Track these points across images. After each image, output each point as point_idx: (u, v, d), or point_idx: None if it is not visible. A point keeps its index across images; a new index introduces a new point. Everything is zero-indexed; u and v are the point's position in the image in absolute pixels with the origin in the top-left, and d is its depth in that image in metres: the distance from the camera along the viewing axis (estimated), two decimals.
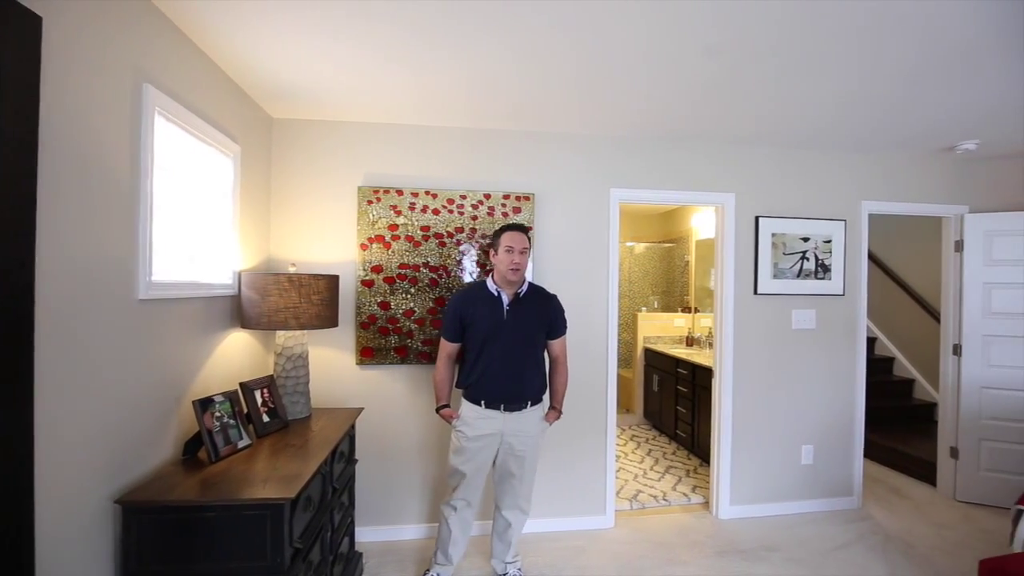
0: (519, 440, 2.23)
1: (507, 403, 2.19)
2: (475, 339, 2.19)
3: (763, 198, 3.14)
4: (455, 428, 2.25)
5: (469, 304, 2.21)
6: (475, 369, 2.19)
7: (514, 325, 2.19)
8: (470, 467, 2.21)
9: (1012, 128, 2.72)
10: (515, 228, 2.19)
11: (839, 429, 3.27)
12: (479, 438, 2.20)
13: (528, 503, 2.37)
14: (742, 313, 3.12)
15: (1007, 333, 3.27)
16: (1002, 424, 3.28)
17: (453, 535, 2.29)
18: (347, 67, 2.08)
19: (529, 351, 2.23)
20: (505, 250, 2.16)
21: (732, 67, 2.04)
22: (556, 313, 2.32)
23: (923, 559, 2.68)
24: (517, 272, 2.15)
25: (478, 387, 2.19)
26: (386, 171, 2.75)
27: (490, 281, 2.24)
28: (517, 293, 2.23)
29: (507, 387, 2.19)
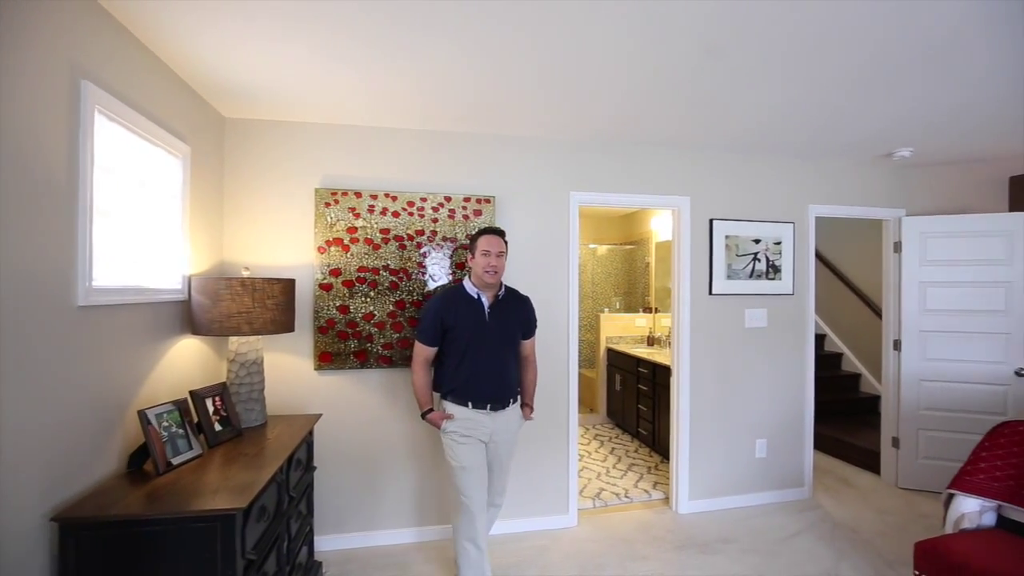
0: (503, 438, 2.28)
1: (493, 403, 2.22)
2: (458, 342, 2.19)
3: (717, 201, 3.25)
4: (445, 431, 2.21)
5: (450, 308, 2.21)
6: (460, 372, 2.19)
7: (496, 327, 2.22)
8: (470, 460, 2.20)
9: (942, 137, 2.90)
10: (491, 232, 2.22)
11: (790, 423, 3.41)
12: (470, 436, 2.21)
13: (503, 497, 2.42)
14: (698, 313, 3.21)
15: (941, 329, 3.49)
16: (938, 414, 3.48)
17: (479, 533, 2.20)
18: (299, 68, 2.04)
19: (510, 351, 2.29)
20: (482, 253, 2.18)
21: (682, 76, 2.11)
22: (530, 314, 2.40)
23: (866, 544, 2.83)
24: (494, 275, 2.18)
25: (464, 389, 2.19)
26: (344, 173, 2.71)
27: (468, 284, 2.25)
28: (496, 295, 2.26)
29: (494, 388, 2.22)
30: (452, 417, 2.20)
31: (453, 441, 2.21)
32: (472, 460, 2.21)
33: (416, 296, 2.74)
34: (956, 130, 2.79)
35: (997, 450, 2.17)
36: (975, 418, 3.36)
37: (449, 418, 2.21)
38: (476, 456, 2.22)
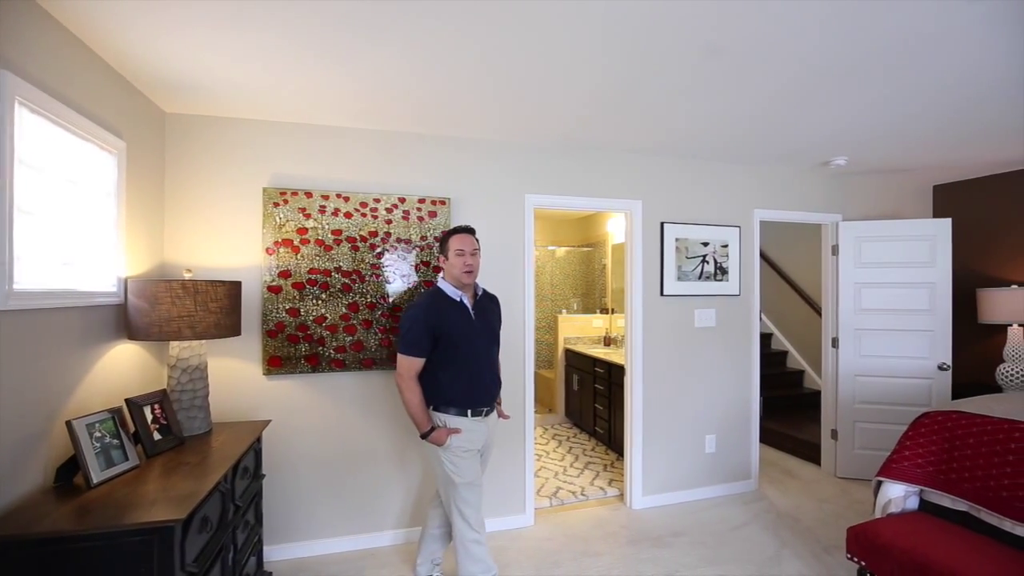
0: (491, 440, 2.27)
1: (488, 407, 2.17)
2: (451, 349, 2.07)
3: (667, 205, 3.35)
4: (450, 447, 2.07)
5: (438, 314, 2.08)
6: (459, 381, 2.09)
7: (481, 328, 2.18)
8: (474, 473, 2.12)
9: (872, 147, 3.10)
10: (462, 231, 2.16)
11: (738, 419, 3.56)
12: (475, 449, 2.13)
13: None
14: (650, 314, 3.30)
15: (874, 327, 3.71)
16: (872, 407, 3.71)
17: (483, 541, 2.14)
18: (242, 64, 1.98)
19: (496, 352, 2.27)
20: (456, 253, 2.11)
21: (631, 84, 2.17)
22: (500, 311, 2.38)
23: (807, 531, 2.98)
24: (471, 274, 2.12)
25: (466, 398, 2.10)
26: (294, 172, 2.64)
27: (447, 287, 2.15)
28: (475, 295, 2.22)
29: (489, 392, 2.17)
30: (460, 431, 2.08)
31: (457, 457, 2.08)
32: (477, 473, 2.13)
33: (370, 298, 2.70)
34: (885, 142, 2.98)
35: (919, 439, 2.33)
36: (904, 410, 3.59)
37: (456, 432, 2.08)
38: (478, 468, 2.15)
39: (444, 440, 2.06)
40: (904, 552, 1.98)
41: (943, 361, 3.58)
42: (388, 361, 2.73)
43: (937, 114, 2.54)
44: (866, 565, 2.13)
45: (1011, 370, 3.41)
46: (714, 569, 2.58)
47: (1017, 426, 2.06)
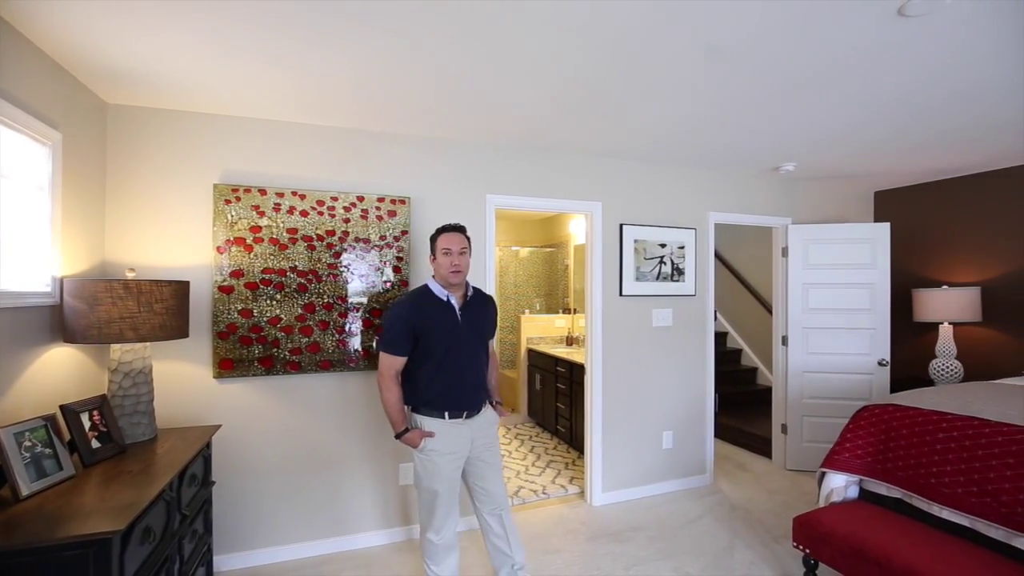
0: (484, 442, 2.17)
1: (470, 410, 2.11)
2: (431, 349, 2.03)
3: (627, 207, 3.42)
4: (423, 450, 2.04)
5: (422, 313, 2.04)
6: (436, 382, 2.04)
7: (468, 329, 2.10)
8: (445, 484, 2.06)
9: (819, 154, 3.25)
10: (450, 229, 2.09)
11: (694, 415, 3.66)
12: (451, 452, 2.07)
13: (506, 499, 2.26)
14: (609, 313, 3.36)
15: (821, 325, 3.89)
16: (818, 402, 3.89)
17: (448, 545, 2.12)
18: (189, 54, 1.91)
19: (484, 354, 2.19)
20: (443, 253, 2.05)
21: (590, 87, 2.20)
22: (495, 312, 2.31)
23: (758, 522, 3.09)
24: (458, 274, 2.06)
25: (441, 400, 2.05)
26: (247, 169, 2.56)
27: (435, 286, 2.11)
28: (465, 296, 2.15)
29: (472, 394, 2.11)
30: (433, 435, 2.04)
31: (431, 462, 2.04)
32: (449, 482, 2.07)
33: (327, 299, 2.65)
34: (830, 149, 3.13)
35: (859, 431, 2.46)
36: (847, 404, 3.78)
37: (429, 435, 2.04)
38: (454, 476, 2.09)
39: (417, 442, 2.04)
40: (843, 538, 2.08)
41: (882, 357, 3.79)
42: (346, 363, 2.68)
43: (877, 126, 2.68)
44: (810, 552, 2.23)
45: (942, 365, 3.64)
46: (670, 562, 2.65)
47: (944, 417, 2.21)
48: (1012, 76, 2.09)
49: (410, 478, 2.86)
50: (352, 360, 2.70)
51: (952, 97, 2.31)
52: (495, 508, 2.21)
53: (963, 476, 2.04)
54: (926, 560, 1.85)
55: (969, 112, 2.50)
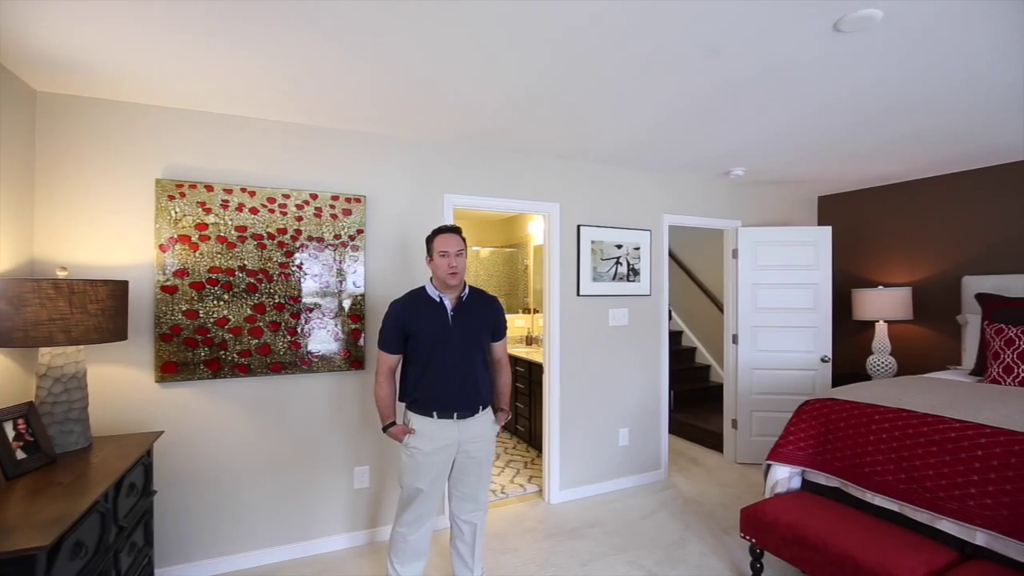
0: (475, 446, 2.15)
1: (460, 411, 2.09)
2: (421, 348, 2.07)
3: (584, 209, 3.47)
4: (407, 445, 2.08)
5: (411, 313, 2.09)
6: (423, 379, 2.07)
7: (460, 331, 2.11)
8: (427, 482, 2.08)
9: (765, 160, 3.39)
10: (447, 230, 2.11)
11: (649, 412, 3.75)
12: (436, 451, 2.07)
13: (482, 513, 2.27)
14: (567, 313, 3.41)
15: (769, 324, 4.06)
16: (766, 397, 4.05)
17: (417, 547, 2.14)
18: (128, 42, 1.82)
19: (477, 356, 2.16)
20: (440, 254, 2.06)
21: (545, 90, 2.23)
22: (499, 315, 2.28)
23: (709, 515, 3.20)
24: (455, 275, 2.06)
25: (428, 398, 2.07)
26: (193, 164, 2.46)
27: (430, 287, 2.14)
28: (460, 297, 2.15)
29: (459, 395, 2.09)
30: (415, 432, 2.07)
31: (413, 459, 2.07)
32: (430, 481, 2.08)
33: (279, 299, 2.57)
34: (775, 155, 3.27)
35: (801, 424, 2.58)
36: (792, 399, 3.96)
37: (411, 432, 2.08)
38: (437, 476, 2.10)
39: (400, 437, 2.10)
40: (786, 527, 2.18)
41: (825, 354, 3.98)
42: (298, 365, 2.61)
43: (816, 134, 2.82)
44: (756, 542, 2.33)
45: (878, 360, 3.86)
46: (625, 556, 2.71)
47: (877, 409, 2.34)
48: (940, 90, 2.24)
49: (366, 481, 2.82)
50: (305, 362, 2.63)
51: (885, 109, 2.46)
52: (471, 515, 2.23)
53: (893, 464, 2.17)
54: (859, 544, 1.96)
55: (900, 123, 2.66)
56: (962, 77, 2.11)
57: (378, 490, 2.85)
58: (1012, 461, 1.86)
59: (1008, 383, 2.78)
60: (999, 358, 2.85)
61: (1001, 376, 2.82)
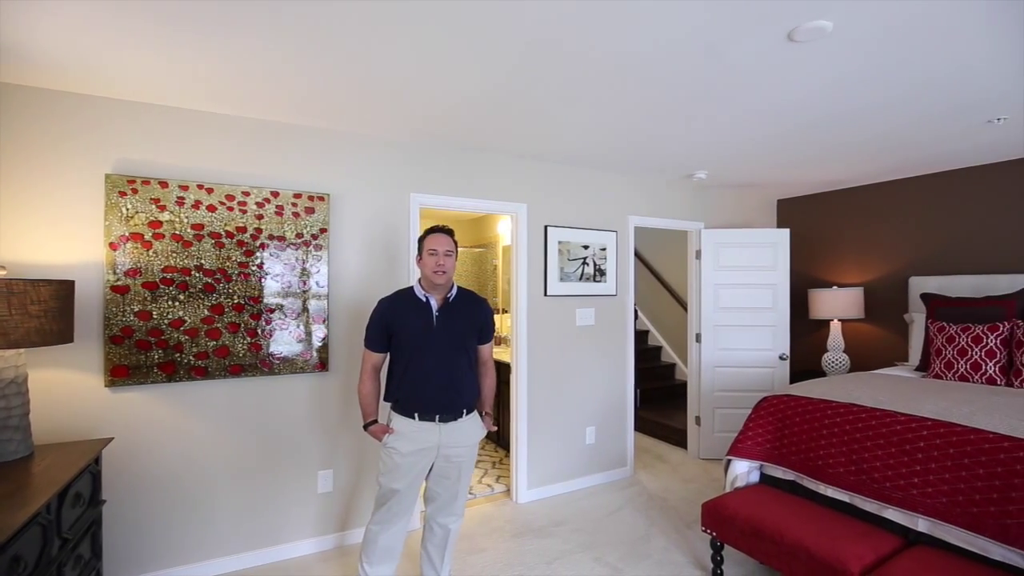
0: (456, 452, 2.11)
1: (442, 414, 2.06)
2: (404, 348, 2.06)
3: (551, 209, 3.50)
4: (386, 445, 2.06)
5: (396, 311, 2.08)
6: (405, 380, 2.05)
7: (445, 331, 2.08)
8: (404, 483, 2.06)
9: (726, 164, 3.48)
10: (439, 231, 2.11)
11: (615, 410, 3.81)
12: (414, 452, 2.04)
13: (459, 520, 2.24)
14: (535, 313, 3.42)
15: (730, 323, 4.17)
16: (728, 394, 4.17)
17: (389, 547, 2.11)
18: (79, 28, 1.73)
19: (462, 358, 2.12)
20: (429, 253, 2.06)
21: (511, 90, 2.23)
22: (487, 317, 2.25)
23: (673, 510, 3.27)
24: (442, 275, 2.05)
25: (410, 399, 2.05)
26: (146, 159, 2.36)
27: (417, 287, 2.13)
28: (446, 298, 2.13)
29: (441, 397, 2.06)
30: (393, 431, 2.06)
31: (390, 458, 2.05)
32: (408, 482, 2.05)
33: (238, 299, 2.50)
34: (735, 160, 3.37)
35: (760, 420, 2.66)
36: (752, 396, 4.08)
37: (390, 432, 2.06)
38: (415, 478, 2.07)
39: (380, 436, 2.09)
40: (744, 520, 2.25)
41: (783, 352, 4.12)
42: (259, 367, 2.55)
43: (774, 139, 2.92)
44: (717, 535, 2.39)
45: (832, 358, 4.02)
46: (591, 553, 2.74)
47: (830, 405, 2.44)
48: (887, 100, 2.35)
49: (330, 485, 2.76)
50: (266, 364, 2.56)
51: (837, 116, 2.56)
52: (447, 518, 2.21)
53: (844, 457, 2.26)
54: (812, 534, 2.04)
55: (851, 130, 2.78)
56: (908, 88, 2.22)
57: (344, 493, 2.81)
58: (950, 452, 1.96)
59: (949, 378, 2.94)
60: (941, 354, 3.01)
61: (943, 371, 2.97)
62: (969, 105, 2.42)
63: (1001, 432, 1.92)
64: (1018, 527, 1.73)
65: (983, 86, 2.20)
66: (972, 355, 2.87)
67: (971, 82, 2.16)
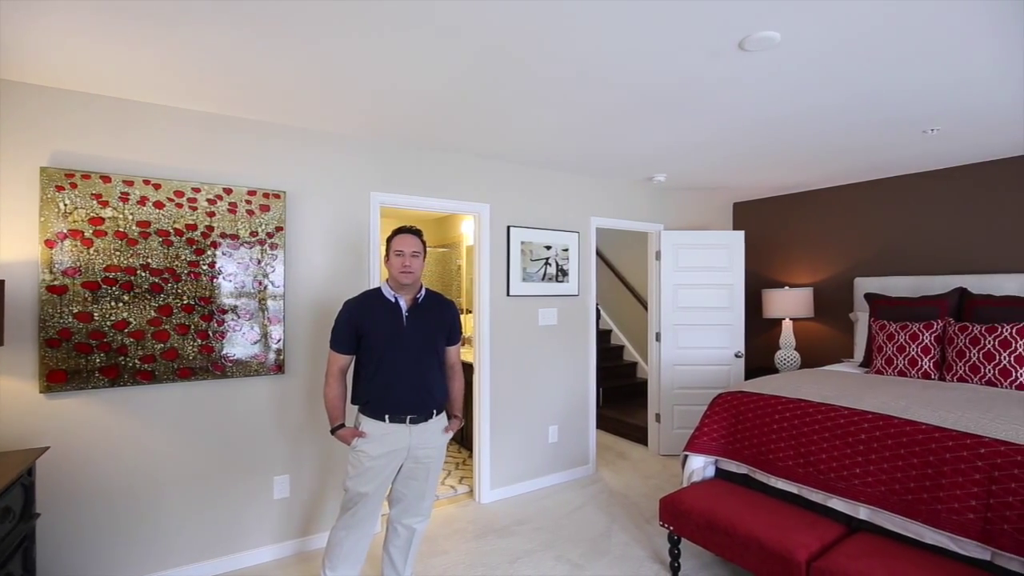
0: (425, 452, 2.09)
1: (413, 415, 2.05)
2: (374, 349, 2.03)
3: (514, 210, 3.51)
4: (355, 448, 2.03)
5: (364, 312, 2.06)
6: (375, 382, 2.03)
7: (415, 332, 2.07)
8: (373, 486, 2.03)
9: (683, 167, 3.58)
10: (405, 231, 2.10)
11: (578, 409, 3.85)
12: (384, 455, 2.02)
13: (425, 522, 2.22)
14: (497, 313, 3.43)
15: (689, 322, 4.29)
16: (686, 392, 4.28)
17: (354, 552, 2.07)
18: (8, 7, 1.63)
19: (432, 359, 2.12)
20: (395, 254, 2.05)
21: (473, 90, 2.23)
22: (455, 319, 2.25)
23: (634, 506, 3.33)
24: (408, 275, 2.05)
25: (381, 401, 2.02)
26: (87, 152, 2.24)
27: (385, 287, 2.11)
28: (416, 299, 2.11)
29: (412, 398, 2.05)
30: (364, 435, 2.02)
31: (360, 462, 2.02)
32: (376, 485, 2.03)
33: (187, 300, 2.40)
34: (691, 163, 3.47)
35: (715, 416, 2.75)
36: (709, 392, 4.21)
37: (361, 435, 2.03)
38: (384, 480, 2.05)
39: (349, 440, 2.06)
40: (700, 514, 2.31)
41: (738, 350, 4.27)
42: (211, 370, 2.45)
43: (727, 145, 3.02)
44: (674, 529, 2.45)
45: (784, 355, 4.18)
46: (552, 551, 2.76)
47: (780, 400, 2.54)
48: (833, 109, 2.46)
49: (286, 491, 2.69)
50: (219, 367, 2.47)
51: (785, 123, 2.67)
52: (413, 519, 2.18)
53: (793, 450, 2.36)
54: (763, 525, 2.12)
55: (799, 137, 2.90)
56: (850, 98, 2.33)
57: (304, 499, 2.74)
58: (888, 443, 2.08)
59: (889, 373, 3.11)
60: (882, 351, 3.18)
61: (884, 367, 3.14)
62: (905, 116, 2.57)
63: (932, 423, 2.04)
64: (947, 512, 1.84)
65: (917, 99, 2.34)
66: (910, 351, 3.05)
67: (906, 95, 2.29)
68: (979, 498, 1.80)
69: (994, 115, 2.55)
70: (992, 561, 1.76)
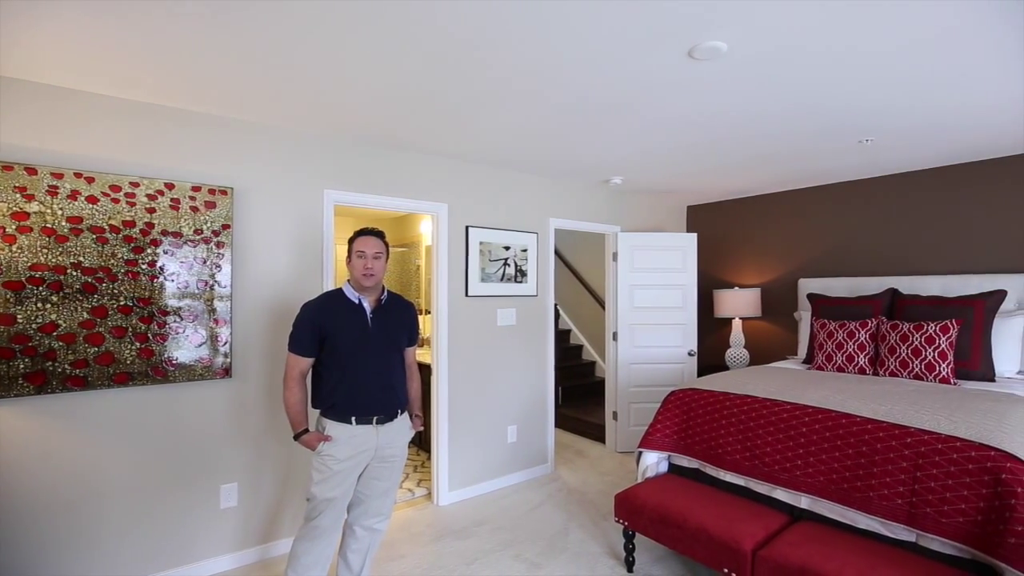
0: (390, 452, 2.10)
1: (380, 416, 2.05)
2: (339, 351, 2.01)
3: (473, 210, 3.50)
4: (320, 453, 1.98)
5: (327, 314, 2.02)
6: (342, 385, 2.00)
7: (379, 333, 2.08)
8: (341, 490, 2.00)
9: (638, 171, 3.66)
10: (368, 232, 2.07)
11: (536, 408, 3.88)
12: (351, 457, 2.00)
13: (386, 522, 2.20)
14: (456, 313, 3.41)
15: (644, 322, 4.39)
16: (642, 390, 4.38)
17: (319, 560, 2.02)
18: None
19: (396, 359, 2.14)
20: (357, 255, 2.03)
21: (430, 89, 2.21)
22: (414, 320, 2.27)
23: (591, 503, 3.38)
24: (371, 278, 2.03)
25: (347, 403, 2.00)
26: (7, 142, 2.08)
27: (348, 288, 2.08)
28: (379, 300, 2.11)
29: (380, 399, 2.05)
30: (330, 439, 1.98)
31: (326, 467, 1.98)
32: (344, 488, 2.01)
33: (124, 301, 2.27)
34: (645, 167, 3.55)
35: (668, 413, 2.82)
36: (663, 390, 4.32)
37: (327, 440, 1.99)
38: (351, 483, 2.03)
39: (314, 445, 2.01)
40: (652, 508, 2.37)
41: (691, 348, 4.40)
42: (150, 375, 2.33)
43: (680, 150, 3.11)
44: (628, 524, 2.50)
45: (734, 353, 4.35)
46: (511, 550, 2.77)
47: (728, 396, 2.64)
48: (778, 116, 2.58)
49: (233, 500, 2.58)
50: (159, 372, 2.35)
51: (733, 129, 2.77)
52: (374, 519, 2.15)
53: (740, 445, 2.45)
54: (712, 517, 2.19)
55: (747, 142, 3.02)
56: (792, 108, 2.44)
57: (254, 507, 2.63)
58: (827, 435, 2.19)
59: (829, 369, 3.28)
60: (823, 348, 3.35)
61: (824, 363, 3.31)
62: (841, 126, 2.72)
63: (866, 416, 2.16)
64: (879, 499, 1.96)
65: (851, 111, 2.48)
66: (847, 348, 3.22)
67: (841, 107, 2.42)
68: (906, 484, 1.93)
69: (918, 129, 2.73)
70: (916, 543, 1.89)
